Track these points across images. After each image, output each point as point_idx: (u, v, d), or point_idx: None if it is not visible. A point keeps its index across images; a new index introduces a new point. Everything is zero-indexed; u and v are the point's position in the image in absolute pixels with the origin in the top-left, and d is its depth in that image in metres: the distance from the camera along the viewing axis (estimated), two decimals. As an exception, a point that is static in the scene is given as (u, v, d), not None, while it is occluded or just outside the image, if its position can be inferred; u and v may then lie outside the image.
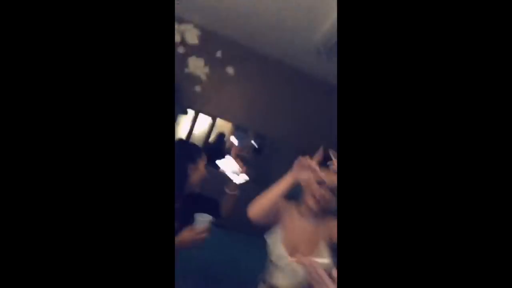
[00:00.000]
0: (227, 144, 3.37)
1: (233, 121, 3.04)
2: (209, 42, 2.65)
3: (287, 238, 0.94)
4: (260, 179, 3.26)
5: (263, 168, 3.26)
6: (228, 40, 2.70)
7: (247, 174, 1.15)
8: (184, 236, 0.94)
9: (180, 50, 2.59)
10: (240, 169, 1.12)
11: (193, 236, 0.94)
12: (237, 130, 3.41)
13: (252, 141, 3.38)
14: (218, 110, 2.85)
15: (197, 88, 2.71)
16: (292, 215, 0.97)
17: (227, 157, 1.13)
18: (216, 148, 3.33)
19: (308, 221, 0.94)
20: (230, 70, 2.74)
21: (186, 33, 2.55)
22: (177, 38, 2.54)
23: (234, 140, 3.49)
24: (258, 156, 3.35)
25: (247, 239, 2.38)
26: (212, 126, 3.30)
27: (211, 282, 1.98)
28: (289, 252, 0.90)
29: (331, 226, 0.92)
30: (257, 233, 1.13)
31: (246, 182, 1.12)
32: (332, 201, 0.92)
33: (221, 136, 3.36)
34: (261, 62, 2.82)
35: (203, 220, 0.94)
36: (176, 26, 2.52)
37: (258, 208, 0.90)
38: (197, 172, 1.05)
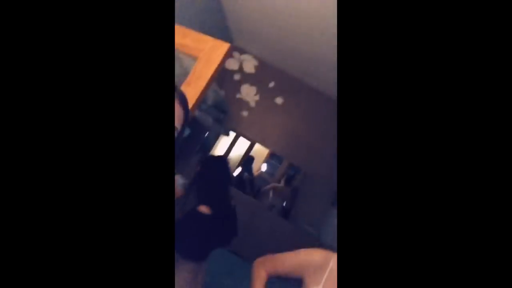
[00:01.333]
0: (255, 169, 3.39)
1: (269, 148, 3.09)
2: (264, 73, 2.79)
3: None
4: (285, 211, 3.22)
5: (290, 200, 3.22)
6: (282, 73, 2.83)
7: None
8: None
9: (236, 77, 2.75)
10: None
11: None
12: (272, 158, 3.45)
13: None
14: (258, 136, 2.93)
15: (245, 113, 2.83)
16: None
17: None
18: (244, 169, 3.36)
19: None
20: (279, 100, 2.84)
21: (245, 63, 2.72)
22: (235, 66, 2.71)
23: (263, 166, 3.52)
24: (287, 186, 3.32)
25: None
26: (249, 150, 3.38)
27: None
28: None
29: None
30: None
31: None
32: None
33: (249, 159, 3.39)
34: (311, 96, 2.89)
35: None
36: (236, 55, 2.70)
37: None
38: None
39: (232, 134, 3.12)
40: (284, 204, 3.22)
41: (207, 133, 2.81)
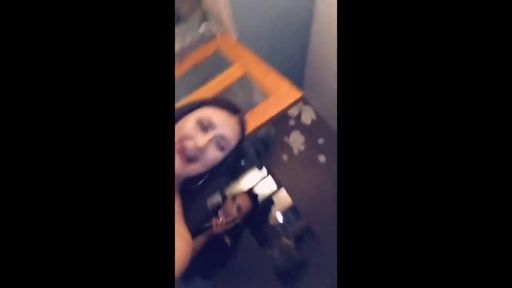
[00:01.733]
0: (271, 217, 3.27)
1: (293, 201, 3.02)
2: (317, 128, 2.86)
3: None
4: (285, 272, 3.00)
5: (296, 265, 3.02)
6: (335, 133, 2.87)
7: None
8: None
9: (290, 122, 2.85)
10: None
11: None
12: (291, 212, 3.34)
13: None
14: (288, 183, 2.90)
15: (285, 157, 2.86)
16: None
17: None
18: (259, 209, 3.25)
19: None
20: (322, 158, 2.84)
21: (303, 113, 2.83)
22: (294, 113, 2.83)
23: (279, 216, 3.39)
24: (297, 248, 3.12)
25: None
26: (273, 193, 3.33)
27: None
28: None
29: None
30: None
31: None
32: None
33: (269, 201, 3.30)
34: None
35: None
36: (300, 105, 2.84)
37: None
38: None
39: (264, 171, 3.14)
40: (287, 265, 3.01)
41: (243, 160, 2.87)
